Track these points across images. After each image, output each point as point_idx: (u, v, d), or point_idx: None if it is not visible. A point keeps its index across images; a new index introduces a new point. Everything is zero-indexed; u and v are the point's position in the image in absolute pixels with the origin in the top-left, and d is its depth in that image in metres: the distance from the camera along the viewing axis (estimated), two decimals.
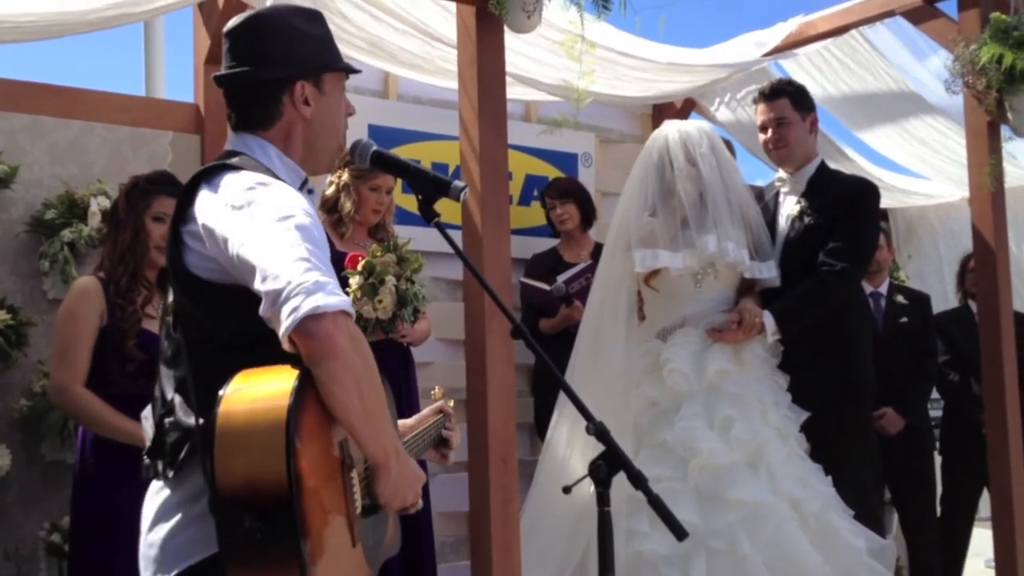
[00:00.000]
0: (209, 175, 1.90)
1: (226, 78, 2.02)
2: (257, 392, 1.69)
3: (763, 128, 4.14)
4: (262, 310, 1.70)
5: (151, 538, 1.85)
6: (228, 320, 1.77)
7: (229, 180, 1.85)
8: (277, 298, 1.67)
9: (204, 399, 1.76)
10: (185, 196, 1.90)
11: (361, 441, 1.79)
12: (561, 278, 4.60)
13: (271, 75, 1.99)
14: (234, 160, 1.93)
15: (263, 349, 1.74)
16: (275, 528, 1.60)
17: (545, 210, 4.98)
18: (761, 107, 4.14)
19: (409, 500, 1.92)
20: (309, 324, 1.65)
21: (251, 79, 2.00)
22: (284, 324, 1.66)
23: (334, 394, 1.70)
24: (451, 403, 2.57)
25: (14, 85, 3.98)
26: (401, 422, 2.34)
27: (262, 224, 1.75)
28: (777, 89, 4.13)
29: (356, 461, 1.84)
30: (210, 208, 1.83)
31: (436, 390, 2.61)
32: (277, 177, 1.92)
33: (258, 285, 1.70)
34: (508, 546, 3.58)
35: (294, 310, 1.65)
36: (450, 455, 2.48)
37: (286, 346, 1.69)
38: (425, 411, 2.47)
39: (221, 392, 1.70)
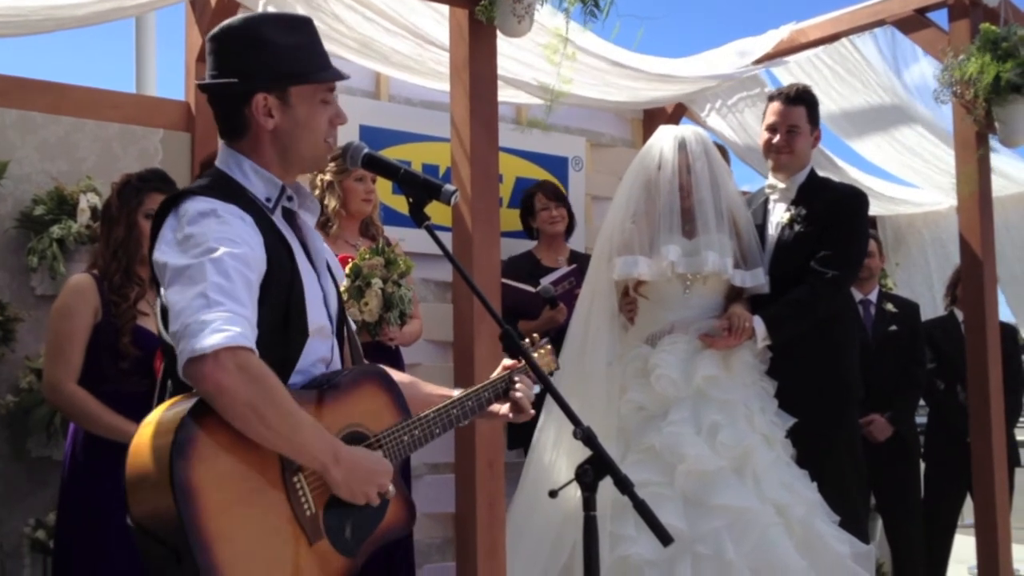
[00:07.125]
0: (176, 202, 1.93)
1: (201, 87, 2.06)
2: (159, 425, 1.78)
3: (772, 128, 4.09)
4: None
5: None
6: None
7: (185, 208, 1.89)
8: (175, 341, 1.75)
9: None
10: (155, 225, 1.94)
11: (289, 457, 1.84)
12: (547, 280, 4.51)
13: (231, 88, 2.00)
14: (202, 182, 1.98)
15: None
16: (177, 551, 1.72)
17: (523, 212, 4.91)
18: (776, 107, 4.08)
19: (371, 494, 1.94)
20: (190, 369, 1.72)
21: (215, 90, 2.02)
22: (179, 367, 1.74)
23: (237, 425, 1.76)
24: (543, 351, 2.49)
25: (4, 80, 3.95)
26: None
27: (185, 260, 1.80)
28: (799, 96, 4.08)
29: None
30: (163, 241, 1.89)
31: (528, 339, 2.50)
32: (247, 193, 1.97)
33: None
34: (494, 549, 3.59)
35: (179, 353, 1.73)
36: (520, 415, 2.35)
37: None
38: (500, 367, 2.41)
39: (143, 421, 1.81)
